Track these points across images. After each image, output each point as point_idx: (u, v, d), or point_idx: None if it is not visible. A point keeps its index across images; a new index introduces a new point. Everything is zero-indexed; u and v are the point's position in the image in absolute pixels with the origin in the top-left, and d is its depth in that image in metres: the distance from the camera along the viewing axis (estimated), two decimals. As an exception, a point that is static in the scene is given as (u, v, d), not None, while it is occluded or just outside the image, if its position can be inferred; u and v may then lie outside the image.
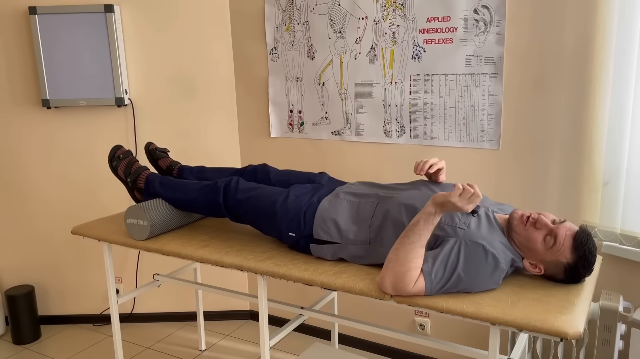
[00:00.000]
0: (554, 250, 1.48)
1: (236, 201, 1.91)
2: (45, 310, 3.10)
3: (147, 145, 2.31)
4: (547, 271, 1.53)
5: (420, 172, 1.70)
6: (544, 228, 1.50)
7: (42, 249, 3.03)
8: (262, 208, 1.85)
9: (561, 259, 1.48)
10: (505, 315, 1.38)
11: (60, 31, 2.71)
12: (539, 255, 1.51)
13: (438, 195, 1.48)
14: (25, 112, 2.87)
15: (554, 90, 2.09)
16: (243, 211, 1.91)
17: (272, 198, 1.84)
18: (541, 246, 1.50)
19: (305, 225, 1.76)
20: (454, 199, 1.45)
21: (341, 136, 2.61)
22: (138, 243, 2.01)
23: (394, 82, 2.42)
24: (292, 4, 2.61)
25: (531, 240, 1.51)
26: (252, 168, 2.14)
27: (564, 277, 1.52)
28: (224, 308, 3.09)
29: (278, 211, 1.80)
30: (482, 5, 2.17)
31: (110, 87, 2.77)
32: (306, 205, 1.79)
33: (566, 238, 1.47)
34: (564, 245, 1.47)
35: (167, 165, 2.27)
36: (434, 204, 1.49)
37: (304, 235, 1.77)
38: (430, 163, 1.70)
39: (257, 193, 1.89)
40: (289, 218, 1.78)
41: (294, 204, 1.80)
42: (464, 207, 1.46)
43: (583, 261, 1.47)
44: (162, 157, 2.29)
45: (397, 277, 1.46)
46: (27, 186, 2.95)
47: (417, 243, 1.47)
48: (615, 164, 1.95)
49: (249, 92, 2.85)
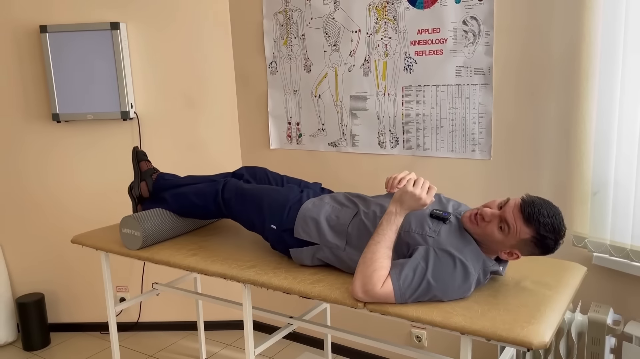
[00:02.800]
0: (512, 233, 1.46)
1: (233, 192, 1.99)
2: (54, 318, 3.19)
3: (135, 147, 2.33)
4: (523, 252, 1.51)
5: (391, 189, 1.68)
6: (493, 219, 1.50)
7: (52, 258, 3.13)
8: (253, 198, 1.92)
9: (524, 236, 1.46)
10: (474, 324, 1.38)
11: (69, 48, 2.83)
12: (505, 243, 1.50)
13: (396, 192, 1.50)
14: (36, 126, 2.99)
15: (543, 100, 2.08)
16: (237, 202, 1.97)
17: (264, 191, 1.93)
18: (500, 236, 1.49)
19: (288, 219, 1.81)
20: (409, 189, 1.48)
21: (337, 147, 2.64)
22: (131, 252, 2.07)
23: (387, 93, 2.44)
24: (289, 19, 2.66)
25: (488, 234, 1.51)
26: (252, 171, 2.19)
27: (541, 249, 1.48)
28: (225, 317, 3.13)
29: (266, 202, 1.87)
30: (470, 16, 2.18)
31: (117, 101, 2.86)
32: (293, 199, 1.86)
33: (515, 217, 1.45)
34: (517, 224, 1.45)
35: (146, 169, 2.29)
36: (393, 201, 1.52)
37: (284, 229, 1.81)
38: (399, 178, 1.66)
39: (253, 186, 1.98)
40: (274, 209, 1.84)
41: (282, 197, 1.87)
42: (422, 196, 1.49)
43: (543, 228, 1.44)
44: (146, 159, 2.32)
45: (364, 278, 1.48)
46: (38, 197, 3.06)
47: (382, 243, 1.49)
48: (603, 174, 1.92)
49: (249, 104, 2.92)
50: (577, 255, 2.05)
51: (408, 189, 1.50)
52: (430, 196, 1.52)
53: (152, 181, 2.24)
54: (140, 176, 2.26)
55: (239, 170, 2.21)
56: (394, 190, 1.65)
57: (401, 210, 1.53)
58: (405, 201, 1.51)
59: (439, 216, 1.59)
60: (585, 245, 2.01)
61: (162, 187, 2.21)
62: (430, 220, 1.59)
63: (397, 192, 1.54)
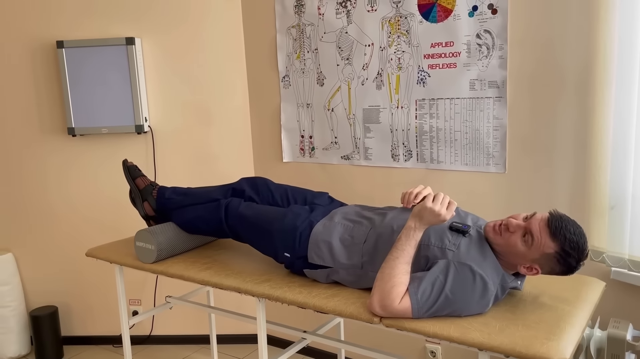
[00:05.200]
0: (536, 246, 1.45)
1: (237, 219, 1.96)
2: (68, 331, 3.20)
3: (124, 161, 2.23)
4: (544, 269, 1.49)
5: (407, 204, 1.62)
6: (517, 230, 1.48)
7: (66, 271, 3.14)
8: (260, 227, 1.89)
9: (547, 251, 1.44)
10: (492, 341, 1.36)
11: (85, 63, 2.86)
12: (526, 257, 1.48)
13: (415, 207, 1.49)
14: (52, 140, 3.02)
15: (558, 113, 2.07)
16: (243, 229, 1.95)
17: (269, 217, 1.88)
18: (523, 247, 1.47)
19: (300, 246, 1.78)
20: (428, 204, 1.47)
21: (350, 160, 2.64)
22: (145, 266, 2.07)
23: (400, 106, 2.44)
24: (302, 33, 2.68)
25: (511, 245, 1.49)
26: (253, 184, 2.13)
27: (562, 267, 1.46)
28: (238, 331, 3.12)
29: (275, 230, 1.84)
30: (484, 30, 2.18)
31: (131, 115, 2.89)
32: (302, 225, 1.82)
33: (541, 230, 1.44)
34: (542, 237, 1.44)
35: (144, 186, 2.21)
36: (412, 217, 1.50)
37: (298, 256, 1.79)
38: (415, 193, 1.60)
39: (256, 212, 1.94)
40: (284, 238, 1.81)
41: (290, 224, 1.83)
42: (441, 212, 1.47)
43: (568, 244, 1.42)
44: (140, 175, 2.23)
45: (383, 294, 1.47)
46: (53, 210, 3.09)
47: (400, 258, 1.48)
48: (620, 187, 1.90)
49: (262, 118, 2.93)
50: (595, 270, 2.02)
51: (427, 205, 1.49)
52: (451, 212, 1.50)
53: (154, 199, 2.19)
54: (141, 196, 2.20)
55: (239, 185, 2.14)
56: (409, 206, 1.61)
57: (420, 225, 1.52)
58: (424, 217, 1.50)
59: (458, 229, 1.57)
60: (603, 259, 1.98)
61: (166, 208, 2.16)
62: (449, 233, 1.57)
63: (417, 207, 1.52)
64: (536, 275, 1.50)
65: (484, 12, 2.17)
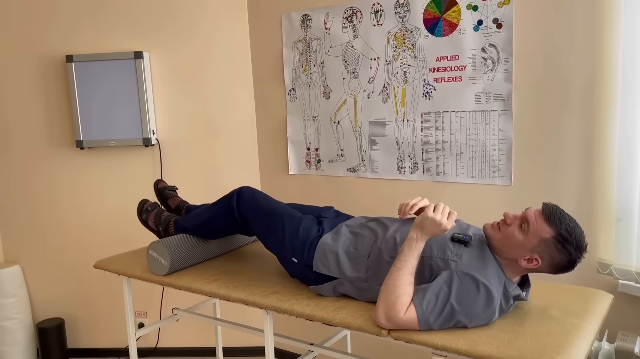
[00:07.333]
0: (532, 231, 1.47)
1: (249, 207, 1.95)
2: (74, 343, 3.20)
3: (156, 183, 2.32)
4: (544, 259, 1.49)
5: (403, 215, 1.68)
6: (514, 220, 1.52)
7: (73, 283, 3.15)
8: (273, 224, 1.89)
9: (544, 235, 1.46)
10: (501, 353, 1.36)
11: (94, 77, 2.90)
12: (525, 246, 1.49)
13: (416, 218, 1.51)
14: (60, 153, 3.05)
15: (564, 126, 2.08)
16: (254, 219, 1.94)
17: (285, 216, 1.88)
18: (520, 236, 1.50)
19: (309, 256, 1.79)
20: (429, 214, 1.49)
21: (356, 173, 2.66)
22: (153, 277, 2.08)
23: (406, 119, 2.46)
24: (308, 47, 2.71)
25: (509, 236, 1.52)
26: None
27: (561, 255, 1.47)
28: (244, 343, 3.12)
29: (287, 233, 1.84)
30: (489, 43, 2.20)
31: (139, 128, 2.92)
32: (314, 235, 1.83)
33: (536, 216, 1.48)
34: (538, 222, 1.47)
35: (176, 205, 2.30)
36: (414, 228, 1.52)
37: (305, 264, 1.80)
38: (411, 204, 1.66)
39: (271, 205, 1.93)
40: (295, 246, 1.82)
41: (304, 231, 1.84)
42: (442, 221, 1.50)
43: (565, 227, 1.45)
44: (172, 196, 2.33)
45: (387, 306, 1.47)
46: (60, 222, 3.11)
47: (404, 269, 1.49)
48: (627, 200, 1.91)
49: (269, 131, 2.95)
50: (602, 283, 2.02)
51: (428, 215, 1.51)
52: (451, 222, 1.53)
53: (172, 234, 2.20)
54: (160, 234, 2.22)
55: None
56: (406, 216, 1.66)
57: (422, 236, 1.53)
58: (426, 227, 1.52)
59: (460, 239, 1.59)
60: (610, 272, 1.98)
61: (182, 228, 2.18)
62: (451, 244, 1.58)
63: (418, 218, 1.55)
64: (537, 266, 1.50)
65: (489, 27, 2.19)
